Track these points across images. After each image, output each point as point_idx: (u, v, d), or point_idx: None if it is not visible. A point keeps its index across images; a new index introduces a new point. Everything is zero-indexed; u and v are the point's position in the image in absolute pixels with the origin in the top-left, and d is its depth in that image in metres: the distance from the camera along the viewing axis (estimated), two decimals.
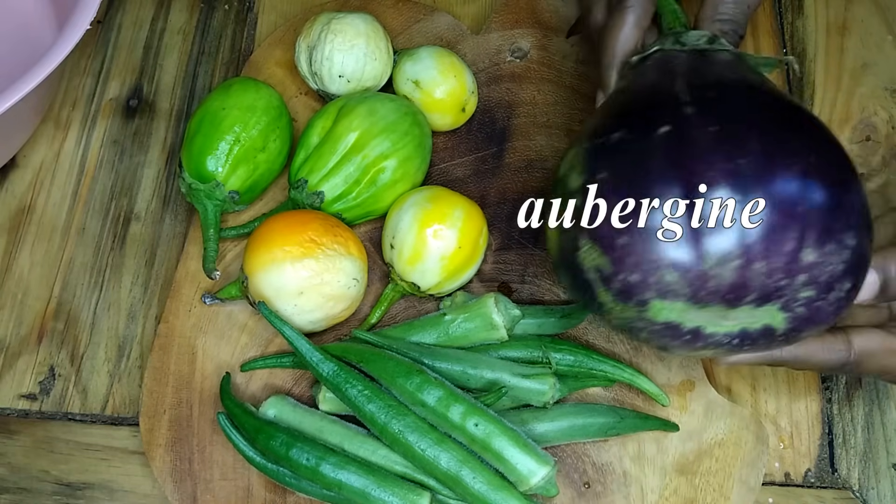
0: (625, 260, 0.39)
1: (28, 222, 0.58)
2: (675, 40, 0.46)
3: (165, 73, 0.63)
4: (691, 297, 0.38)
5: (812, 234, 0.37)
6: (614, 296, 0.40)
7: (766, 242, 0.37)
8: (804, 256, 0.37)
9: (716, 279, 0.37)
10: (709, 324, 0.39)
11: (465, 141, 0.59)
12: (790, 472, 0.51)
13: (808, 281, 0.37)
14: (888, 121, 0.61)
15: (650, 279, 0.38)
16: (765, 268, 0.37)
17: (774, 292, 0.38)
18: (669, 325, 0.39)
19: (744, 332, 0.39)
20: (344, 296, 0.50)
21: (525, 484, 0.45)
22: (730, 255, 0.37)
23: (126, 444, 0.52)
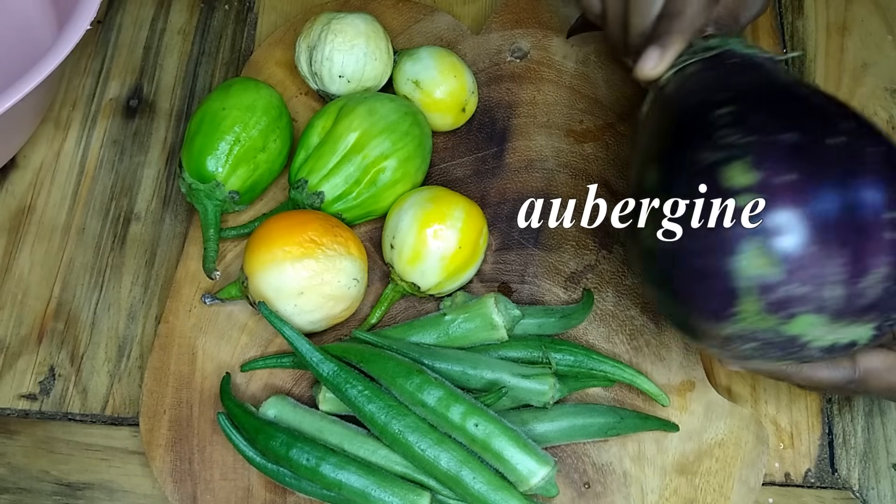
0: (801, 271, 0.37)
1: (28, 222, 0.58)
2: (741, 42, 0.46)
3: (165, 73, 0.63)
4: (837, 313, 0.38)
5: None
6: (767, 305, 0.38)
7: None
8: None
9: (864, 297, 0.38)
10: (818, 339, 0.39)
11: (465, 141, 0.59)
12: (790, 472, 0.51)
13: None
14: (888, 121, 0.61)
15: (815, 293, 0.38)
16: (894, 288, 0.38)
17: (889, 311, 0.39)
18: (791, 339, 0.39)
19: (833, 346, 0.40)
20: (344, 296, 0.50)
21: (525, 484, 0.45)
22: (886, 276, 0.38)
23: (126, 444, 0.52)
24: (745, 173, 0.38)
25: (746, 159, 0.38)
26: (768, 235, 0.37)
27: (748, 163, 0.38)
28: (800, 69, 0.63)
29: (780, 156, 0.38)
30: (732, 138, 0.39)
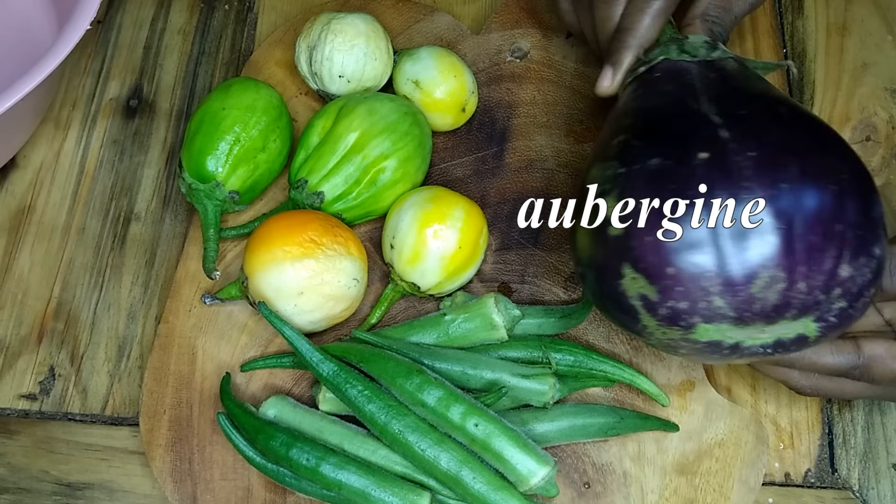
0: (673, 289, 0.39)
1: (28, 222, 0.58)
2: (678, 49, 0.47)
3: (165, 73, 0.63)
4: (736, 318, 0.39)
5: (848, 251, 0.38)
6: (660, 321, 0.40)
7: (808, 263, 0.38)
8: (841, 272, 0.39)
9: (761, 301, 0.38)
10: (748, 338, 0.40)
11: (465, 141, 0.59)
12: (790, 472, 0.51)
13: (842, 293, 0.39)
14: (888, 121, 0.61)
15: (698, 306, 0.39)
16: (805, 287, 0.38)
17: (812, 307, 0.39)
18: (711, 343, 0.40)
19: (778, 341, 0.41)
20: (344, 296, 0.50)
21: (525, 484, 0.45)
22: (776, 278, 0.38)
23: (126, 444, 0.52)
24: (614, 204, 0.41)
25: (615, 193, 0.41)
26: (637, 260, 0.40)
27: (616, 194, 0.41)
28: (800, 70, 0.63)
29: (641, 183, 0.40)
30: (610, 171, 0.42)
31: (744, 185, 0.38)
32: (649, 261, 0.39)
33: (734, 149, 0.39)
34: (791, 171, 0.39)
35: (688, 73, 0.45)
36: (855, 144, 0.60)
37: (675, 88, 0.45)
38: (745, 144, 0.40)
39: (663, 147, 0.41)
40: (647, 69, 0.47)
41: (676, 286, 0.39)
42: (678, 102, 0.43)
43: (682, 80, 0.45)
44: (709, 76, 0.45)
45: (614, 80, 0.49)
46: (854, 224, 0.39)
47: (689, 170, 0.40)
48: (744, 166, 0.39)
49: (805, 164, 0.39)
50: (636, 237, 0.40)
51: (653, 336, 0.42)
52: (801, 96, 0.62)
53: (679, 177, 0.40)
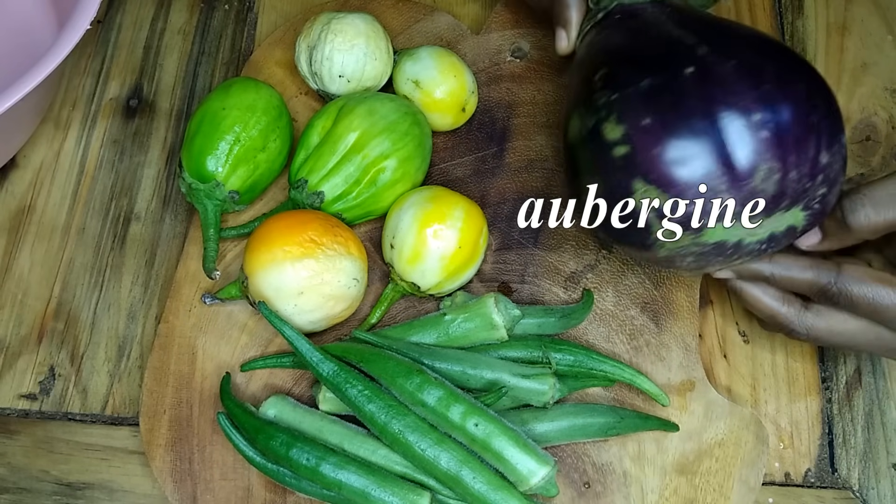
0: (685, 193, 0.42)
1: (28, 222, 0.58)
2: (597, 10, 0.51)
3: (165, 73, 0.63)
4: (741, 215, 0.43)
5: (825, 139, 0.43)
6: (669, 231, 0.44)
7: (797, 153, 0.42)
8: (821, 159, 0.43)
9: (762, 193, 0.42)
10: (748, 235, 0.44)
11: (465, 141, 0.59)
12: (790, 472, 0.51)
13: (823, 180, 0.43)
14: (888, 121, 0.61)
15: (708, 206, 0.43)
16: (796, 175, 0.42)
17: (801, 194, 0.43)
18: (718, 245, 0.44)
19: (771, 235, 0.45)
20: (344, 296, 0.50)
21: (525, 484, 0.45)
22: (773, 169, 0.42)
23: (126, 444, 0.52)
24: (615, 128, 0.44)
25: (613, 116, 0.44)
26: (646, 172, 0.43)
27: (615, 119, 0.44)
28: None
29: (637, 104, 0.44)
30: (603, 100, 0.45)
31: (732, 90, 0.42)
32: (660, 171, 0.43)
33: (715, 60, 0.43)
34: (768, 74, 0.43)
35: (645, 11, 0.49)
36: (855, 144, 0.60)
37: (641, 24, 0.48)
38: (723, 56, 0.44)
39: (650, 68, 0.44)
40: (604, 15, 0.51)
41: (688, 190, 0.42)
42: (650, 32, 0.47)
43: (643, 17, 0.49)
44: (665, 11, 0.48)
45: (570, 37, 0.52)
46: (825, 115, 0.43)
47: (681, 83, 0.43)
48: (728, 74, 0.43)
49: (778, 68, 0.43)
50: (643, 151, 0.43)
51: (663, 248, 0.45)
52: None
53: (673, 91, 0.43)
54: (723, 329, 0.55)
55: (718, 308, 0.55)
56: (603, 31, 0.50)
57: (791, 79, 0.43)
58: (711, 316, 0.55)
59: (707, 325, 0.55)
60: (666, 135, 0.43)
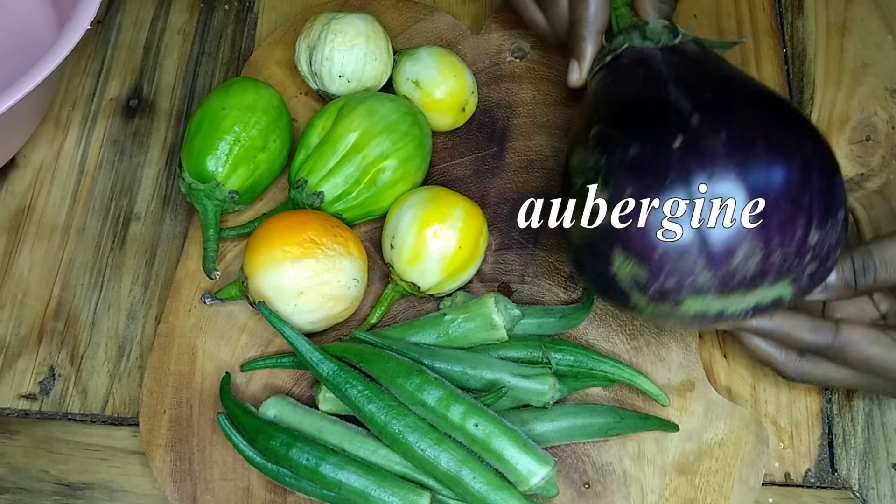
0: (662, 269, 0.42)
1: (28, 222, 0.58)
2: (641, 36, 0.49)
3: (165, 73, 0.63)
4: (720, 289, 0.42)
5: (816, 218, 0.42)
6: (650, 298, 0.43)
7: (782, 233, 0.41)
8: (810, 239, 0.42)
9: (742, 272, 0.41)
10: (731, 306, 0.43)
11: (465, 141, 0.59)
12: (790, 472, 0.51)
13: (812, 257, 0.42)
14: (888, 121, 0.61)
15: (686, 282, 0.42)
16: (780, 256, 0.41)
17: (787, 272, 0.42)
18: (698, 314, 0.43)
19: (757, 305, 0.44)
20: (344, 296, 0.50)
21: (525, 484, 0.45)
22: (754, 250, 0.41)
23: (126, 444, 0.52)
24: (602, 191, 0.43)
25: (600, 180, 0.44)
26: (626, 245, 0.42)
27: (602, 183, 0.43)
28: (800, 69, 0.63)
29: (622, 172, 0.43)
30: (592, 161, 0.44)
31: (718, 167, 0.41)
32: (637, 245, 0.42)
33: (705, 133, 0.42)
34: (759, 148, 0.41)
35: (653, 58, 0.48)
36: (855, 144, 0.60)
37: (643, 75, 0.47)
38: (715, 127, 0.42)
39: (639, 135, 0.43)
40: (613, 57, 0.49)
41: (665, 266, 0.42)
42: (649, 89, 0.46)
43: (648, 66, 0.47)
44: (673, 61, 0.47)
45: (582, 71, 0.51)
46: (819, 192, 0.42)
47: (667, 155, 0.42)
48: (716, 148, 0.41)
49: (770, 141, 0.42)
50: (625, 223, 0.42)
51: (644, 311, 0.44)
52: (801, 96, 0.62)
53: (657, 163, 0.42)
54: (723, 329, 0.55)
55: None
56: (609, 76, 0.49)
57: (786, 153, 0.42)
58: None
59: None
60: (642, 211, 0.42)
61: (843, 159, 0.60)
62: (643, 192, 0.42)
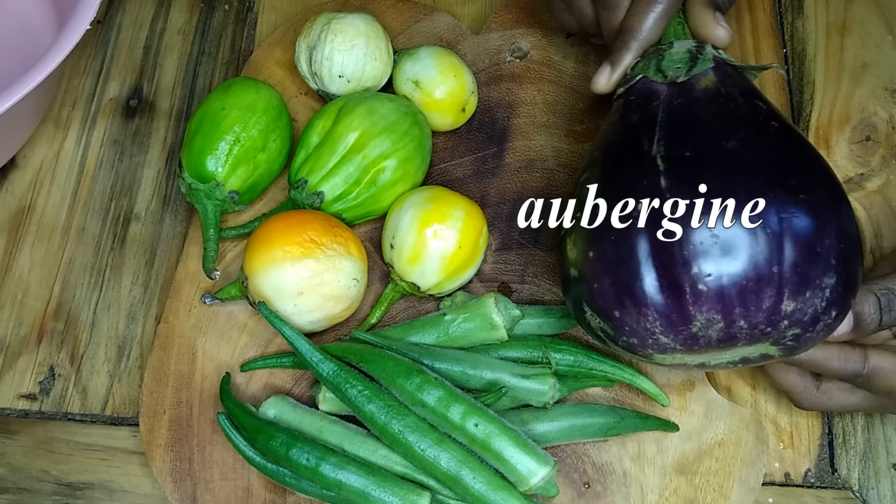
0: (623, 328, 0.42)
1: (28, 222, 0.58)
2: (656, 67, 0.47)
3: (165, 73, 0.63)
4: (687, 350, 0.42)
5: (788, 288, 0.39)
6: (623, 349, 0.44)
7: (744, 305, 0.39)
8: (784, 308, 0.40)
9: (705, 338, 0.41)
10: (710, 359, 0.43)
11: (465, 141, 0.59)
12: (790, 472, 0.51)
13: (791, 323, 0.40)
14: (888, 121, 0.61)
15: (648, 342, 0.42)
16: (746, 324, 0.40)
17: (762, 336, 0.41)
18: (677, 365, 0.44)
19: (745, 359, 0.43)
20: (344, 296, 0.50)
21: (525, 484, 0.45)
22: (713, 321, 0.40)
23: (126, 444, 0.52)
24: (572, 248, 0.44)
25: (571, 235, 0.44)
26: (590, 299, 0.43)
27: (572, 238, 0.44)
28: (800, 69, 0.63)
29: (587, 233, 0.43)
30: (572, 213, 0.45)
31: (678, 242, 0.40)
32: (599, 304, 0.43)
33: (669, 199, 0.41)
34: (724, 216, 0.40)
35: (655, 99, 0.46)
36: (855, 144, 0.60)
37: (638, 120, 0.45)
38: (683, 193, 0.41)
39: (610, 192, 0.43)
40: (625, 90, 0.48)
41: (625, 326, 0.42)
42: (634, 138, 0.44)
43: (647, 107, 0.46)
44: (675, 101, 0.45)
45: (611, 78, 0.49)
46: (794, 264, 0.39)
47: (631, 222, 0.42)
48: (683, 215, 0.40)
49: (742, 203, 0.40)
50: (586, 281, 0.43)
51: (625, 355, 0.45)
52: (801, 96, 0.62)
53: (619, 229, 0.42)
54: None
55: None
56: (616, 114, 0.48)
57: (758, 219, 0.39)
58: None
59: None
60: (603, 272, 0.42)
61: (843, 159, 0.60)
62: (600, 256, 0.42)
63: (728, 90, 0.45)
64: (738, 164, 0.41)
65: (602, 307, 0.42)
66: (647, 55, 0.48)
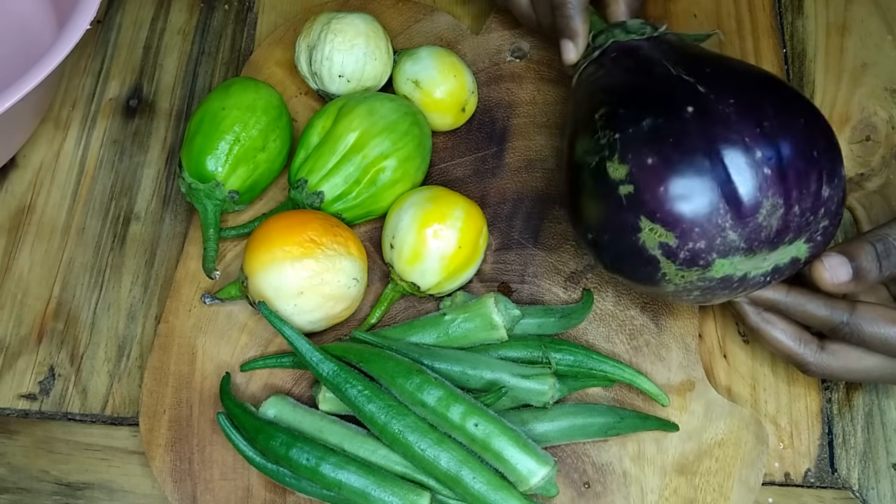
0: (692, 231, 0.43)
1: (28, 222, 0.58)
2: (623, 31, 0.51)
3: (165, 73, 0.63)
4: (747, 248, 0.43)
5: (826, 173, 0.44)
6: (679, 265, 0.44)
7: (800, 188, 0.43)
8: (823, 192, 0.44)
9: (767, 228, 0.43)
10: (753, 268, 0.45)
11: (465, 141, 0.59)
12: (790, 472, 0.51)
13: (825, 213, 0.44)
14: (888, 121, 0.61)
15: (715, 242, 0.43)
16: (799, 209, 0.43)
17: (805, 228, 0.44)
18: (725, 279, 0.45)
19: (776, 267, 0.45)
20: (344, 296, 0.50)
21: (525, 484, 0.45)
22: (777, 205, 0.43)
23: (126, 444, 0.52)
24: (618, 168, 0.45)
25: (616, 155, 0.45)
26: (652, 210, 0.44)
27: (618, 158, 0.45)
28: (800, 69, 0.63)
29: (640, 144, 0.44)
30: (605, 139, 0.46)
31: (732, 128, 0.43)
32: (665, 210, 0.43)
33: (715, 99, 0.44)
34: (768, 111, 0.44)
35: (641, 48, 0.50)
36: (855, 144, 0.60)
37: (637, 62, 0.49)
38: (722, 95, 0.44)
39: (650, 109, 0.45)
40: (600, 52, 0.51)
41: (694, 228, 0.43)
42: (648, 71, 0.48)
43: (639, 54, 0.49)
44: (661, 48, 0.49)
45: (578, 48, 0.53)
46: (825, 149, 0.44)
47: (681, 123, 0.44)
48: (728, 113, 0.44)
49: (776, 104, 0.44)
50: (648, 190, 0.44)
51: (671, 283, 0.45)
52: None
53: (674, 130, 0.44)
54: (723, 329, 0.55)
55: (718, 308, 0.55)
56: (600, 69, 0.51)
57: (790, 114, 0.44)
58: (711, 316, 0.55)
59: (707, 325, 0.55)
60: (670, 173, 0.43)
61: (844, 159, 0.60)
62: (663, 159, 0.43)
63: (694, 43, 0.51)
64: (756, 75, 0.47)
65: (668, 212, 0.43)
66: (606, 31, 0.52)
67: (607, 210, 0.45)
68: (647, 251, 0.44)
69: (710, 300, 0.47)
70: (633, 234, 0.44)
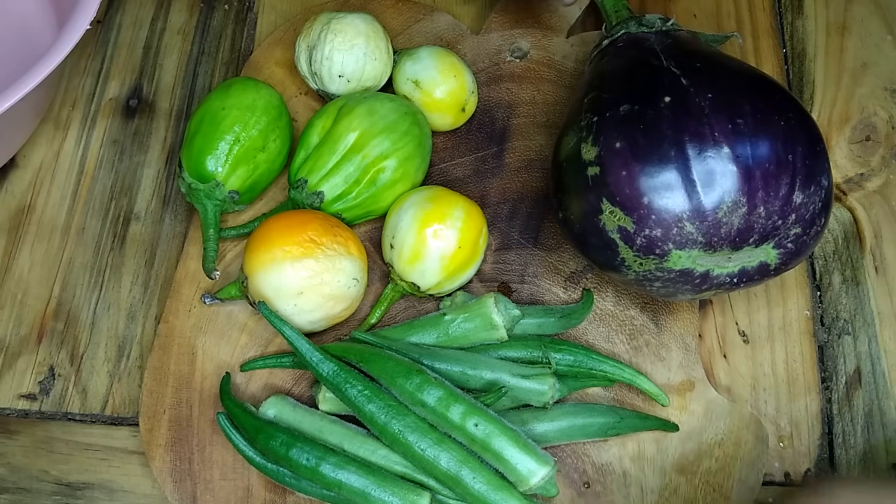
0: (648, 218, 0.44)
1: (28, 222, 0.58)
2: (637, 24, 0.52)
3: (165, 73, 0.63)
4: (706, 244, 0.44)
5: (800, 179, 0.44)
6: (636, 251, 0.45)
7: (766, 189, 0.43)
8: (795, 198, 0.44)
9: (727, 226, 0.43)
10: (716, 267, 0.45)
11: (465, 141, 0.59)
12: (790, 472, 0.51)
13: (796, 219, 0.44)
14: (888, 121, 0.61)
15: (671, 232, 0.44)
16: (764, 211, 0.43)
17: (772, 232, 0.44)
18: (684, 272, 0.45)
19: (743, 270, 0.45)
20: (344, 296, 0.50)
21: (525, 484, 0.45)
22: (738, 203, 0.43)
23: (126, 444, 0.52)
24: (590, 149, 0.46)
25: (590, 137, 0.46)
26: (613, 193, 0.45)
27: (591, 140, 0.46)
28: (800, 69, 0.63)
29: (612, 127, 0.46)
30: (585, 121, 0.47)
31: (704, 122, 0.43)
32: (625, 194, 0.44)
33: (693, 92, 0.45)
34: (744, 108, 0.44)
35: (647, 40, 0.51)
36: (855, 144, 0.60)
37: (637, 52, 0.50)
38: (702, 89, 0.45)
39: (630, 95, 0.46)
40: (609, 42, 0.52)
41: (651, 215, 0.44)
42: (641, 61, 0.49)
43: (642, 45, 0.50)
44: (666, 41, 0.50)
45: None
46: (804, 155, 0.44)
47: (655, 111, 0.45)
48: (703, 106, 0.44)
49: (756, 104, 0.45)
50: (611, 174, 0.45)
51: (630, 269, 0.46)
52: (801, 96, 0.62)
53: (646, 118, 0.45)
54: (723, 329, 0.55)
55: (718, 308, 0.55)
56: (605, 58, 0.52)
57: (770, 116, 0.44)
58: (711, 316, 0.55)
59: (707, 325, 0.55)
60: (633, 158, 0.44)
61: (843, 159, 0.60)
62: (630, 144, 0.44)
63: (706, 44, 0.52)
64: (748, 75, 0.47)
65: (628, 196, 0.44)
66: (622, 22, 0.53)
67: (576, 189, 0.47)
68: (607, 233, 0.45)
69: (675, 295, 0.47)
70: (595, 216, 0.45)
